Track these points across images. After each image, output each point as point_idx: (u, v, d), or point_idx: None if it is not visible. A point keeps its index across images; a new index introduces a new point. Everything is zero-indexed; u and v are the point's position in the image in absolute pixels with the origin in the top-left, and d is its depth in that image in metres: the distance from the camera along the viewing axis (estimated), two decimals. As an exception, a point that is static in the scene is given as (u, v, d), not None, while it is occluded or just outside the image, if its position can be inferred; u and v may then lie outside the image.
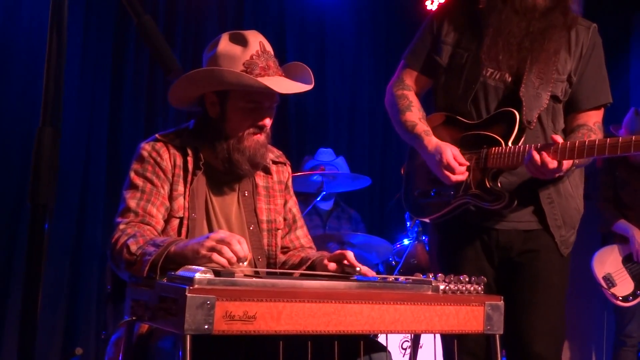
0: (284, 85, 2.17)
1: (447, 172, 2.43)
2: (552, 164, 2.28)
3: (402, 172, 2.78)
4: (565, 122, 2.55)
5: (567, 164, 2.33)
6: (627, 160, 4.72)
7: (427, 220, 2.67)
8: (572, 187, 2.54)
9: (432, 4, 6.37)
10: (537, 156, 2.29)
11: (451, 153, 2.44)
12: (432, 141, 2.51)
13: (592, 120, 2.52)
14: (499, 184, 2.42)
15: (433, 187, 2.58)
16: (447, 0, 2.75)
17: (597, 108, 2.56)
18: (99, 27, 5.03)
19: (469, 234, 2.54)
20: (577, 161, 2.39)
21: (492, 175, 2.43)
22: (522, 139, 2.42)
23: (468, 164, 2.46)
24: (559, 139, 2.32)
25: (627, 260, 4.58)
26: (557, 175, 2.35)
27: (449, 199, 2.52)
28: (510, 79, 2.48)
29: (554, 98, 2.48)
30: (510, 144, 2.40)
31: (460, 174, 2.44)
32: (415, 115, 2.61)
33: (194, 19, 5.51)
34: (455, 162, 2.43)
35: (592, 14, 2.59)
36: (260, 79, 2.10)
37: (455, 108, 2.56)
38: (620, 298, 4.52)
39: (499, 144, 2.42)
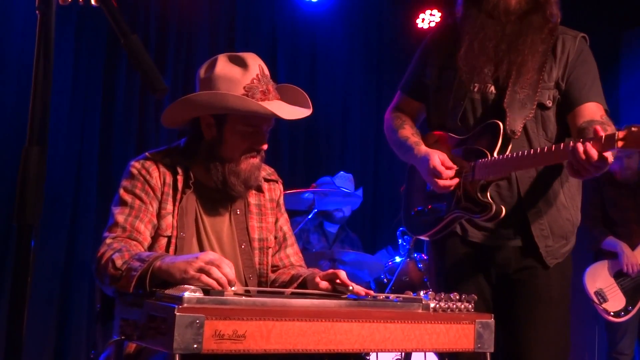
0: (287, 110, 2.17)
1: (435, 178, 2.45)
2: (595, 155, 2.13)
3: (401, 191, 2.80)
4: (569, 123, 2.49)
5: (610, 157, 2.16)
6: (613, 179, 4.76)
7: (425, 237, 2.68)
8: (567, 198, 2.53)
9: (422, 22, 6.42)
10: (581, 148, 2.15)
11: (438, 158, 2.45)
12: (421, 150, 2.54)
13: (598, 114, 2.43)
14: (488, 196, 2.43)
15: (428, 203, 2.60)
16: (435, 25, 2.79)
17: (595, 102, 2.45)
18: (91, 45, 5.05)
19: (465, 251, 2.54)
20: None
21: (481, 187, 2.43)
22: (509, 149, 2.42)
23: (456, 167, 2.47)
24: (601, 131, 2.16)
25: (618, 275, 4.59)
26: (603, 170, 2.19)
27: (443, 214, 2.53)
28: (495, 91, 2.49)
29: (541, 106, 2.48)
30: (495, 154, 2.41)
31: (448, 179, 2.45)
32: (407, 131, 2.67)
33: (185, 39, 5.54)
34: (443, 166, 2.45)
35: (582, 30, 2.59)
36: (262, 104, 2.10)
37: (446, 125, 2.59)
38: (612, 313, 4.52)
39: (485, 156, 2.43)
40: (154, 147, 2.32)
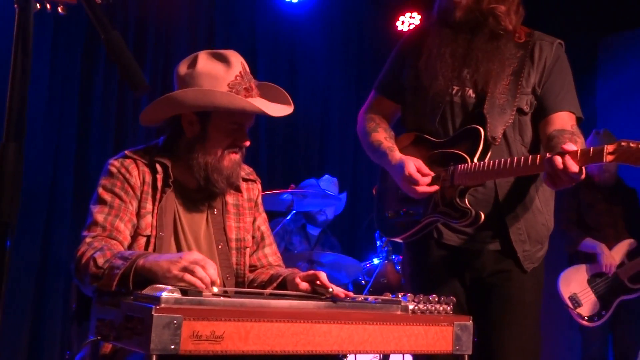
0: (272, 108, 2.17)
1: (411, 185, 2.44)
2: (575, 167, 2.17)
3: (373, 193, 2.78)
4: (539, 129, 2.52)
5: (584, 170, 2.21)
6: (590, 182, 4.78)
7: (399, 240, 2.67)
8: (542, 203, 2.55)
9: (402, 24, 6.44)
10: (559, 160, 2.18)
11: (413, 165, 2.45)
12: (395, 156, 2.53)
13: (569, 124, 2.46)
14: (466, 201, 2.43)
15: (403, 206, 2.59)
16: (415, 27, 2.82)
17: (568, 111, 2.49)
18: (68, 43, 4.99)
19: (440, 254, 2.54)
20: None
21: (460, 192, 2.43)
22: (489, 155, 2.44)
23: (433, 174, 2.46)
24: (572, 146, 2.21)
25: (593, 279, 4.62)
26: (576, 181, 2.23)
27: (419, 217, 2.53)
28: (474, 96, 2.50)
29: (519, 111, 2.49)
30: (476, 160, 2.42)
31: (425, 185, 2.45)
32: (381, 135, 2.65)
33: (164, 37, 5.49)
34: (419, 173, 2.44)
35: (559, 36, 2.62)
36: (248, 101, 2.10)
37: (423, 127, 2.58)
38: (586, 318, 4.55)
39: (465, 161, 2.43)
40: (131, 145, 2.30)
